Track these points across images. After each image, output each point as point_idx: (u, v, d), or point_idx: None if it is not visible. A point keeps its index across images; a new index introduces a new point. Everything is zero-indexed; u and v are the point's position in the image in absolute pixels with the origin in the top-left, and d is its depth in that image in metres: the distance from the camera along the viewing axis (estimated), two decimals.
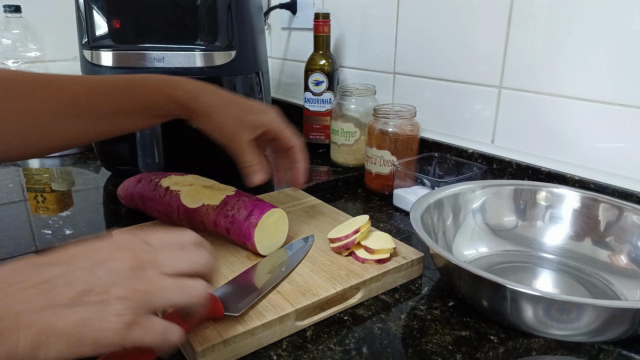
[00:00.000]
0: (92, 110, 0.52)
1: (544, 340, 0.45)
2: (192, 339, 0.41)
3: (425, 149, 0.84)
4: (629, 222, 0.56)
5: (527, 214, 0.63)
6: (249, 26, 0.80)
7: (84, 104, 0.52)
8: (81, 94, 0.52)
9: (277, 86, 1.31)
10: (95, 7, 0.74)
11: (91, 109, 0.52)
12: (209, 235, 0.56)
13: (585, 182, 0.64)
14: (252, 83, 0.83)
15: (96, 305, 0.29)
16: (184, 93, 0.53)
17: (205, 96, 0.54)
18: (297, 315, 0.46)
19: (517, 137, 0.73)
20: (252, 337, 0.43)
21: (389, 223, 0.71)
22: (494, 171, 0.75)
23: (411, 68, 0.88)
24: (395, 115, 0.77)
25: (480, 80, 0.76)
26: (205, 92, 0.54)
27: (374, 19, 0.94)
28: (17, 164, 0.95)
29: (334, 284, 0.49)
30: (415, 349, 0.44)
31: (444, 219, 0.61)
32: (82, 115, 0.52)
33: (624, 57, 0.60)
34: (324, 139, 1.00)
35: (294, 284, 0.50)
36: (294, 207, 0.69)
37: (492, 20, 0.73)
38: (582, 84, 0.64)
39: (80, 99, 0.52)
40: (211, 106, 0.53)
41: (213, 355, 0.41)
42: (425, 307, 0.50)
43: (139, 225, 0.63)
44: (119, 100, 0.53)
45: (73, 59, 1.21)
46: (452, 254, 0.57)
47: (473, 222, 0.63)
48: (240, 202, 0.56)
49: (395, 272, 0.53)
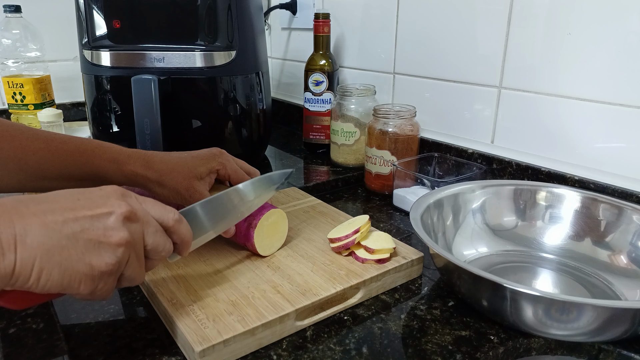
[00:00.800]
0: (39, 169, 0.50)
1: (544, 340, 0.45)
2: (192, 339, 0.41)
3: (425, 149, 0.84)
4: (629, 222, 0.56)
5: (527, 214, 0.63)
6: (249, 26, 0.80)
7: (33, 161, 0.50)
8: (33, 151, 0.50)
9: (277, 86, 1.31)
10: (95, 7, 0.74)
11: (38, 168, 0.50)
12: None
13: (585, 182, 0.64)
14: (252, 83, 0.83)
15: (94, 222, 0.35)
16: (134, 167, 0.53)
17: (152, 167, 0.53)
18: (297, 315, 0.46)
19: (517, 137, 0.73)
20: (252, 336, 0.43)
21: (388, 223, 0.71)
22: (493, 171, 0.75)
23: (411, 68, 0.88)
24: (395, 115, 0.77)
25: (480, 80, 0.76)
26: (152, 164, 0.54)
27: (374, 19, 0.94)
28: None
29: (334, 284, 0.49)
30: (415, 349, 0.44)
31: (443, 219, 0.61)
32: (26, 171, 0.50)
33: (624, 57, 0.60)
34: (324, 139, 1.00)
35: (294, 283, 0.50)
36: (294, 207, 0.69)
37: (492, 20, 0.73)
38: (582, 84, 0.64)
39: (31, 157, 0.50)
40: (161, 174, 0.53)
41: (213, 355, 0.41)
42: (425, 307, 0.50)
43: None
44: (69, 166, 0.51)
45: (73, 59, 1.21)
46: (452, 254, 0.57)
47: (473, 222, 0.63)
48: None
49: (395, 272, 0.53)
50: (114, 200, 0.36)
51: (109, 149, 0.53)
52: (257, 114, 0.86)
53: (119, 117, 0.80)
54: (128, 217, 0.36)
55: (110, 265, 0.34)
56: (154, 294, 0.48)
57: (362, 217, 0.57)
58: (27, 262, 0.31)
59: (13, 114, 1.05)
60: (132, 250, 0.36)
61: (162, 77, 0.72)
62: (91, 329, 0.46)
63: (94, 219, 0.34)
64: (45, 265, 0.32)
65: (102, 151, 0.52)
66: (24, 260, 0.31)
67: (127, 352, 0.43)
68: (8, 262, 0.30)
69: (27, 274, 0.31)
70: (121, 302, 0.51)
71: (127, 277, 0.37)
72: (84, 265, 0.33)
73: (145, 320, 0.48)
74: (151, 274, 0.51)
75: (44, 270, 0.32)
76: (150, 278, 0.50)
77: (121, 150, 0.53)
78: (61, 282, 0.33)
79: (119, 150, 0.53)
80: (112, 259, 0.34)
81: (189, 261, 0.54)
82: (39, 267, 0.31)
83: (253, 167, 0.61)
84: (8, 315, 0.46)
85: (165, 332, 0.46)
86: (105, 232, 0.34)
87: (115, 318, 0.48)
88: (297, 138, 1.14)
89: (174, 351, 0.43)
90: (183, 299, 0.47)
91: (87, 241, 0.34)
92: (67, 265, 0.33)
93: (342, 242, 0.55)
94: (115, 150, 0.53)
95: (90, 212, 0.35)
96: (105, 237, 0.34)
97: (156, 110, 0.71)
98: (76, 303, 0.50)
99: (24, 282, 0.31)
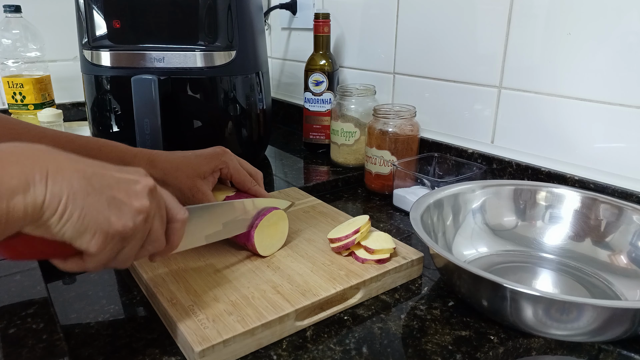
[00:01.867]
0: None
1: (544, 340, 0.45)
2: (192, 340, 0.41)
3: (425, 149, 0.84)
4: (629, 222, 0.56)
5: (527, 213, 0.63)
6: (249, 26, 0.80)
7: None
8: (59, 146, 0.51)
9: (277, 86, 1.31)
10: (95, 7, 0.74)
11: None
12: None
13: (585, 182, 0.64)
14: (252, 83, 0.83)
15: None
16: (139, 166, 0.53)
17: (157, 166, 0.54)
18: (297, 315, 0.46)
19: (517, 137, 0.73)
20: (252, 337, 0.43)
21: (388, 223, 0.71)
22: (493, 171, 0.75)
23: (411, 68, 0.88)
24: (395, 115, 0.77)
25: (480, 80, 0.76)
26: (157, 163, 0.54)
27: (374, 19, 0.94)
28: None
29: (334, 284, 0.49)
30: (415, 349, 0.44)
31: (443, 219, 0.61)
32: None
33: (624, 57, 0.60)
34: (324, 139, 1.00)
35: (294, 284, 0.50)
36: (294, 207, 0.69)
37: (492, 20, 0.73)
38: (581, 84, 0.64)
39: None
40: (165, 173, 0.54)
41: (213, 356, 0.41)
42: (425, 307, 0.50)
43: None
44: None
45: (73, 59, 1.21)
46: (452, 254, 0.57)
47: (473, 222, 0.63)
48: None
49: (395, 272, 0.53)
50: (142, 174, 0.38)
51: (115, 147, 0.54)
52: (257, 114, 0.86)
53: (119, 117, 0.80)
54: (152, 190, 0.37)
55: (127, 227, 0.35)
56: (154, 294, 0.48)
57: (362, 217, 0.57)
58: (56, 196, 0.32)
59: (13, 113, 1.05)
60: (145, 224, 0.37)
61: (162, 77, 0.72)
62: (91, 329, 0.46)
63: (121, 181, 0.36)
64: (69, 204, 0.32)
65: (109, 150, 0.53)
66: (54, 193, 0.32)
67: (127, 352, 0.43)
68: (39, 193, 0.31)
69: (54, 207, 0.32)
70: (121, 302, 0.51)
71: (124, 253, 0.37)
72: (103, 219, 0.34)
73: (145, 320, 0.48)
74: (150, 272, 0.51)
75: (67, 209, 0.32)
76: (150, 277, 0.50)
77: (127, 149, 0.54)
78: (78, 227, 0.33)
79: (125, 149, 0.54)
80: (129, 222, 0.35)
81: (189, 261, 0.54)
82: (64, 203, 0.32)
83: (255, 168, 0.61)
84: (8, 315, 0.46)
85: (166, 332, 0.46)
86: (130, 195, 0.35)
87: (115, 318, 0.48)
88: (297, 138, 1.14)
89: (174, 351, 0.43)
90: (183, 299, 0.47)
91: (111, 197, 0.34)
92: (88, 211, 0.33)
93: (342, 243, 0.55)
94: (121, 149, 0.54)
95: (120, 174, 0.36)
96: (129, 199, 0.35)
97: (156, 110, 0.71)
98: (76, 303, 0.50)
99: (50, 215, 0.32)
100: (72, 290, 0.53)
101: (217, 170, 0.57)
